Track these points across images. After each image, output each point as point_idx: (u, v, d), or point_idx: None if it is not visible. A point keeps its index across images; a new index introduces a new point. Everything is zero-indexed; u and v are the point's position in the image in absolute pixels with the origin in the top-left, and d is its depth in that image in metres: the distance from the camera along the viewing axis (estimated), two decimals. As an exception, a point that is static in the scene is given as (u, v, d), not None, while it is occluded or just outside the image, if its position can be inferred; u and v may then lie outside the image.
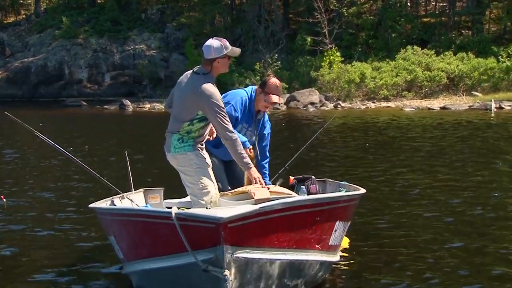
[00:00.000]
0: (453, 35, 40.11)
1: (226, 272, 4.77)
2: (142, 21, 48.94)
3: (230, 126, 6.13)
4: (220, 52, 6.20)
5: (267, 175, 7.21)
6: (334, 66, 37.20)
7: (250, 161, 6.31)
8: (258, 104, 6.92)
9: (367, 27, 41.82)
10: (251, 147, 6.86)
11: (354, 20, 41.63)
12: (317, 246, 5.72)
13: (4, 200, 8.38)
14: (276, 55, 40.34)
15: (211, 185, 6.26)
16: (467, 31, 41.14)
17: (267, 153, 7.26)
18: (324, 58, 38.11)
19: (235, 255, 4.83)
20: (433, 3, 44.47)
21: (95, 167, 7.82)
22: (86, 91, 46.31)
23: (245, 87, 7.16)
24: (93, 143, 19.49)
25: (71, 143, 18.08)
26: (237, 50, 6.38)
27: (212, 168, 6.43)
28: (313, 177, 7.62)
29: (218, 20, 47.25)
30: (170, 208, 7.17)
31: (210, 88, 6.12)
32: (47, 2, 56.85)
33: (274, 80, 6.89)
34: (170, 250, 5.19)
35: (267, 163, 7.25)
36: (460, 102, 32.11)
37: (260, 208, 4.97)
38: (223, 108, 6.13)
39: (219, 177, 6.82)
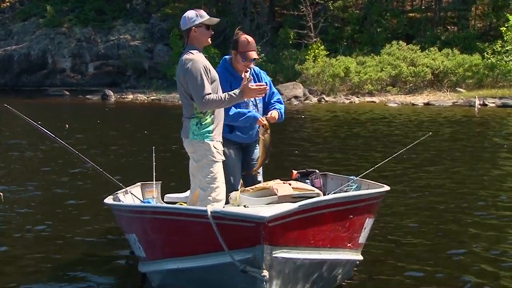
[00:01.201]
0: (439, 30, 40.11)
1: (265, 272, 4.64)
2: (127, 11, 48.65)
3: (203, 91, 5.84)
4: (195, 20, 6.02)
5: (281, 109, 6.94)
6: (318, 59, 37.07)
7: (235, 93, 5.93)
8: (238, 66, 6.65)
9: (352, 21, 41.73)
10: (262, 117, 6.62)
11: (340, 14, 41.54)
12: (348, 244, 5.66)
13: (1, 194, 8.17)
14: (260, 47, 40.10)
15: (221, 182, 6.07)
16: (452, 27, 41.12)
17: (279, 97, 7.06)
18: (309, 52, 37.97)
19: (273, 255, 4.70)
20: (419, -2, 44.42)
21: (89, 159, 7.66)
22: (69, 81, 46.00)
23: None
24: (79, 133, 19.20)
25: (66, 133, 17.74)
26: (215, 19, 6.16)
27: (226, 161, 6.29)
28: (317, 171, 7.47)
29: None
30: (171, 203, 7.01)
31: (188, 56, 5.99)
32: (32, -10, 56.30)
33: (244, 37, 6.57)
34: (203, 250, 5.04)
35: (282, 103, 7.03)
36: (444, 98, 32.10)
37: (299, 206, 4.84)
38: (198, 74, 5.87)
39: (232, 171, 6.68)
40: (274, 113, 6.71)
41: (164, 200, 7.44)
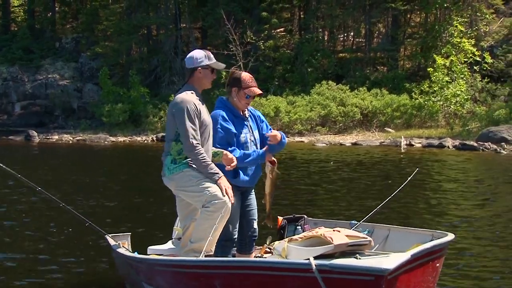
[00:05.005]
0: (368, 71, 40.24)
1: None
2: (56, 50, 47.62)
3: (193, 139, 5.85)
4: (202, 61, 6.00)
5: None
6: (249, 99, 36.67)
7: (218, 171, 5.86)
8: (239, 104, 6.47)
9: (284, 61, 41.63)
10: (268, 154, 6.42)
11: (271, 53, 41.39)
12: None
13: None
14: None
15: (218, 190, 5.89)
16: (382, 68, 41.39)
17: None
18: (240, 92, 37.57)
19: None
20: (351, 39, 44.64)
21: None
22: (-6, 121, 44.55)
23: (215, 106, 6.60)
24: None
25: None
26: (222, 65, 6.16)
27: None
28: (305, 216, 7.17)
29: (135, 50, 46.45)
30: (159, 255, 6.51)
31: (181, 95, 5.91)
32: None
33: (245, 74, 6.58)
34: None
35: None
36: (372, 138, 32.05)
37: (412, 255, 4.54)
38: (189, 117, 5.83)
39: (232, 219, 6.26)
40: (275, 132, 6.55)
41: (148, 253, 6.89)
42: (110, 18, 46.07)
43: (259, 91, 6.54)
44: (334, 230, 5.54)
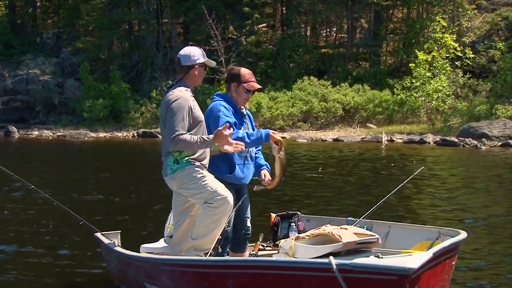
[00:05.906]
0: (350, 66, 40.19)
1: None
2: (37, 45, 47.30)
3: (176, 130, 5.69)
4: (199, 59, 5.93)
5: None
6: (230, 95, 36.51)
7: (208, 137, 5.78)
8: (239, 100, 6.38)
9: (266, 56, 41.52)
10: (274, 132, 6.28)
11: (253, 49, 41.23)
12: None
13: None
14: (171, 81, 39.44)
15: (222, 185, 5.90)
16: (364, 63, 41.34)
17: None
18: (221, 87, 37.43)
19: None
20: (333, 35, 44.57)
21: None
22: (-26, 117, 44.04)
23: (213, 100, 6.44)
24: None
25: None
26: (214, 63, 6.14)
27: None
28: (299, 213, 7.03)
29: (116, 46, 46.18)
30: (150, 253, 6.36)
31: (176, 92, 5.79)
32: None
33: (244, 69, 6.46)
34: None
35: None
36: (354, 134, 31.98)
37: (433, 253, 4.42)
38: (179, 112, 5.71)
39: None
40: (267, 175, 6.56)
41: (141, 251, 6.76)
42: (91, 13, 45.86)
43: (258, 86, 6.47)
44: (341, 228, 5.46)
